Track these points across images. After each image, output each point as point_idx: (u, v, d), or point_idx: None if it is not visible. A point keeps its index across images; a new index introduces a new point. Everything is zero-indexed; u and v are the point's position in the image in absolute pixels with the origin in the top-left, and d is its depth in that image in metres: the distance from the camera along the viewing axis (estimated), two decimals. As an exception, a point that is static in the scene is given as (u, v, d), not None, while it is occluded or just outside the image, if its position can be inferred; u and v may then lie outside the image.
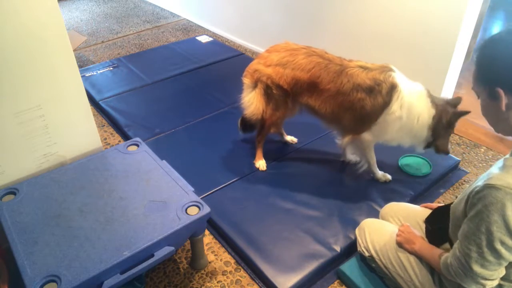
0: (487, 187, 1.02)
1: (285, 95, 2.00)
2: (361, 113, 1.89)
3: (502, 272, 1.10)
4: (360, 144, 2.02)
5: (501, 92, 1.00)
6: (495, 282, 1.12)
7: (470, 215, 1.08)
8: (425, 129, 1.86)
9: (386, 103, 1.84)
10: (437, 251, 1.31)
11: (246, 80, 2.07)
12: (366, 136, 1.97)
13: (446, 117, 1.83)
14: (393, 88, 1.83)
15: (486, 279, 1.09)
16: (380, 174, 2.13)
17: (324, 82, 1.89)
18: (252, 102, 2.06)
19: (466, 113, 1.82)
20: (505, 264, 1.08)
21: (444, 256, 1.22)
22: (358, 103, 1.87)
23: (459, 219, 1.18)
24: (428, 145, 1.95)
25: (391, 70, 1.87)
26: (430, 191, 2.16)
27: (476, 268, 1.08)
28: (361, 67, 1.88)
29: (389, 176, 2.14)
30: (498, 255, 1.05)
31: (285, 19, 3.41)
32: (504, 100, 1.00)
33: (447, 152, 1.98)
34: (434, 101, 1.85)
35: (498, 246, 1.03)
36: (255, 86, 2.04)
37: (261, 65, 2.00)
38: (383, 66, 1.88)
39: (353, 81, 1.85)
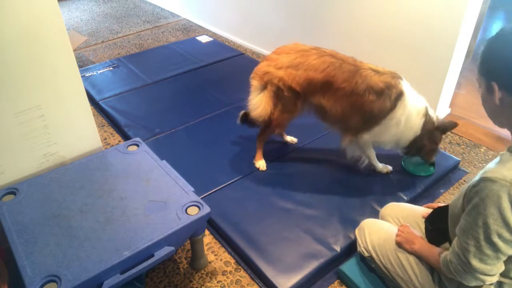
0: (483, 180, 1.03)
1: (296, 97, 2.00)
2: (369, 114, 1.93)
3: (501, 267, 1.10)
4: (358, 143, 2.07)
5: (495, 86, 1.02)
6: (495, 278, 1.12)
7: (468, 209, 1.09)
8: (407, 142, 2.01)
9: (391, 108, 1.90)
10: (437, 250, 1.31)
11: (255, 82, 2.04)
12: (365, 136, 2.01)
13: (421, 142, 2.00)
14: (400, 95, 1.89)
15: (485, 274, 1.09)
16: (380, 166, 2.20)
17: (339, 81, 1.90)
18: (259, 104, 2.03)
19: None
20: (504, 258, 1.08)
21: (444, 253, 1.22)
22: (369, 104, 1.90)
23: (457, 217, 1.18)
24: (407, 153, 2.11)
25: (400, 77, 1.94)
26: (430, 191, 2.16)
27: (475, 262, 1.08)
28: (372, 69, 1.91)
29: (389, 167, 2.21)
30: (495, 248, 1.05)
31: (285, 19, 3.41)
32: (497, 95, 1.03)
33: (429, 163, 2.19)
34: (426, 121, 1.96)
35: (495, 239, 1.03)
36: (264, 88, 2.02)
37: (271, 68, 1.98)
38: (393, 72, 1.94)
39: (366, 82, 1.88)
